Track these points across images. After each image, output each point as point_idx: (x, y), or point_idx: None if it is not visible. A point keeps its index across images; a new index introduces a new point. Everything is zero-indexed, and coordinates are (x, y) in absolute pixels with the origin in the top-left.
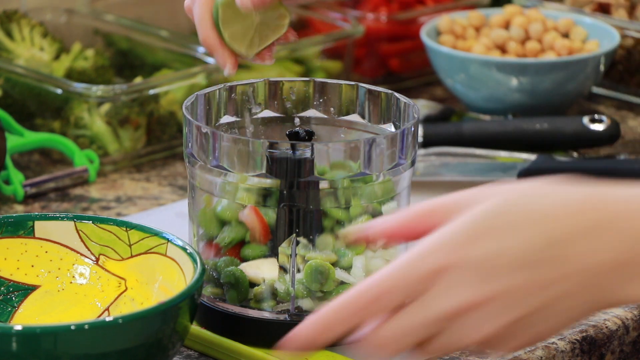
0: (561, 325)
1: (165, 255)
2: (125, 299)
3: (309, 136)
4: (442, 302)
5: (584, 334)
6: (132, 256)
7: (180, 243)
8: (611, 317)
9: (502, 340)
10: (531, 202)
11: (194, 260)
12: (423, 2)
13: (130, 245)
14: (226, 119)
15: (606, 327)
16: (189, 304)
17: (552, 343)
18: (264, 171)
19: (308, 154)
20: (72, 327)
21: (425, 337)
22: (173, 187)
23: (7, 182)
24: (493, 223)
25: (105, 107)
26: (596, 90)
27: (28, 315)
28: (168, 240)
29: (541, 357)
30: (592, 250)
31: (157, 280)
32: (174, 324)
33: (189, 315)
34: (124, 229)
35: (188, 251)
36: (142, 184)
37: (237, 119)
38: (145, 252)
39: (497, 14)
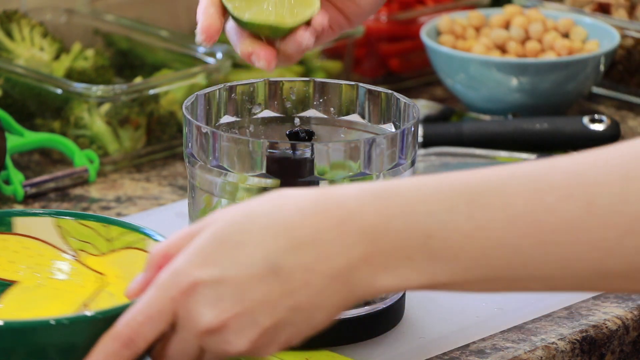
0: (319, 322)
1: (145, 250)
2: (104, 294)
3: (309, 136)
4: (194, 324)
5: (584, 334)
6: (111, 251)
7: (159, 238)
8: (611, 317)
9: (263, 346)
10: (263, 215)
11: None
12: (423, 2)
13: (109, 241)
14: (226, 119)
15: (606, 327)
16: None
17: (552, 343)
18: (263, 171)
19: (308, 154)
20: (52, 322)
21: (195, 354)
22: (173, 187)
23: (7, 182)
24: (221, 245)
25: (105, 107)
26: (596, 90)
27: (8, 311)
28: (147, 235)
29: (541, 357)
30: (333, 251)
31: (137, 275)
32: None
33: None
34: (103, 224)
35: None
36: (142, 184)
37: (237, 119)
38: (125, 248)
39: (497, 14)
